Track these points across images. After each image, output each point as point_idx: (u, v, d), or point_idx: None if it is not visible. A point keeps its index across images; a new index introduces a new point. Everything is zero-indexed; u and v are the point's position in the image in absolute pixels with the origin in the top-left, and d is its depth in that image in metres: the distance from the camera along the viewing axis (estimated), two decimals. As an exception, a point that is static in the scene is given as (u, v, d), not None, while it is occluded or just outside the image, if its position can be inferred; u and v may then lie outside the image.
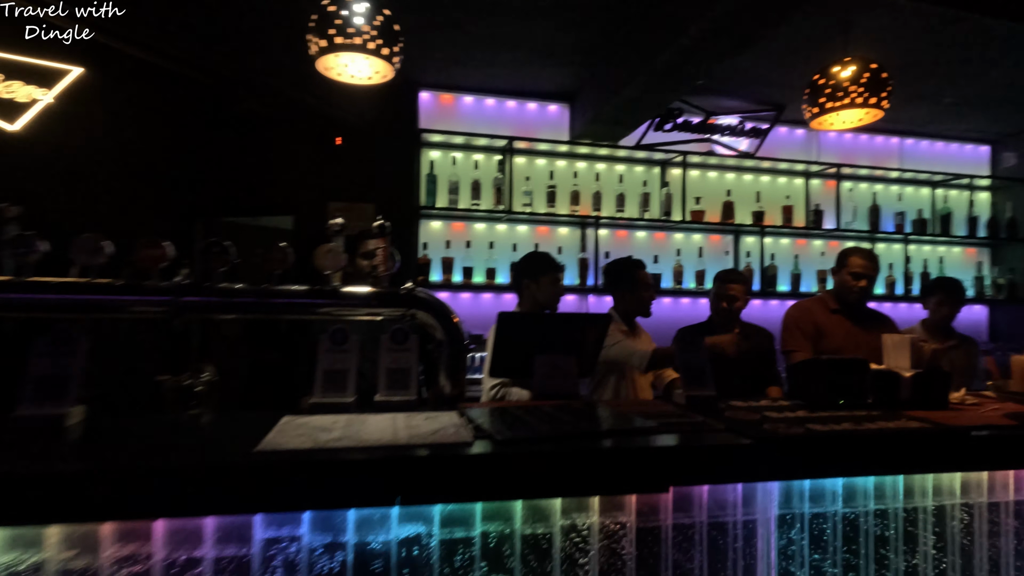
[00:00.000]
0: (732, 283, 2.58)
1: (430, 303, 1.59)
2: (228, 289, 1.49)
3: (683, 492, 1.27)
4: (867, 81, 2.06)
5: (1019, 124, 4.32)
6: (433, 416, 1.34)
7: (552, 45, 3.17)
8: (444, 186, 3.64)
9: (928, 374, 1.64)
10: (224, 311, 1.53)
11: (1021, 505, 1.61)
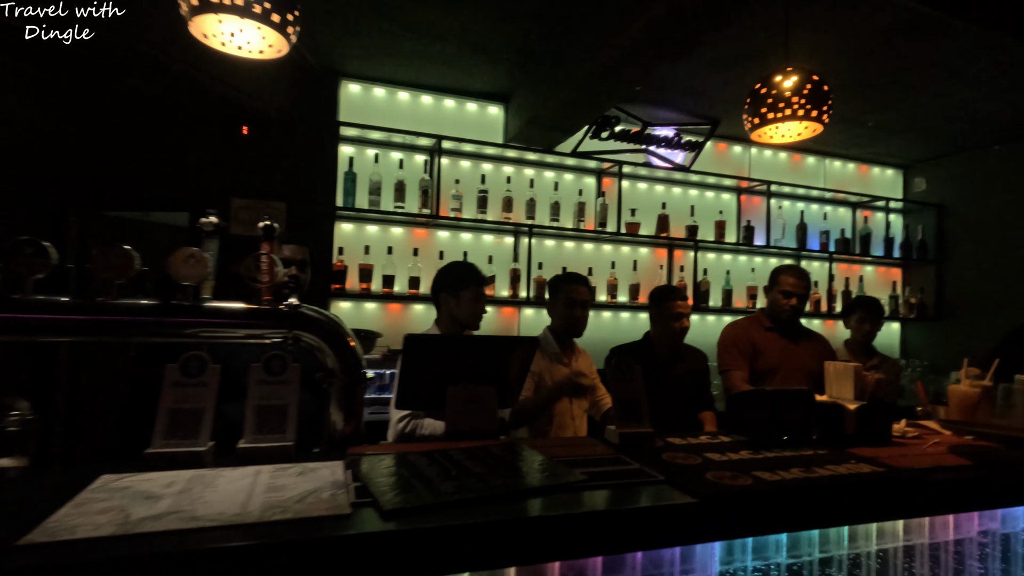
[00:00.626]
0: (681, 300, 2.44)
1: (319, 322, 1.31)
2: (47, 302, 1.15)
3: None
4: (809, 93, 1.97)
5: (930, 152, 4.54)
6: (310, 470, 1.06)
7: (487, 39, 2.95)
8: (364, 186, 3.33)
9: (872, 407, 1.54)
10: (40, 331, 1.17)
11: (960, 544, 1.53)
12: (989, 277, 4.26)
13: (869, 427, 1.53)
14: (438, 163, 3.42)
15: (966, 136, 4.15)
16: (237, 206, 3.20)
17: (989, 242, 4.28)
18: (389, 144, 3.48)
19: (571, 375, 2.20)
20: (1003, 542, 1.57)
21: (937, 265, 4.61)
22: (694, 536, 1.05)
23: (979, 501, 1.33)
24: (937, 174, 4.68)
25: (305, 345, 1.31)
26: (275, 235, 1.40)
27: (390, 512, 0.87)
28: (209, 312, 1.24)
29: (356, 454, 1.20)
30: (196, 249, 1.23)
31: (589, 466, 1.18)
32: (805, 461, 1.30)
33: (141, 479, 0.97)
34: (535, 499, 0.99)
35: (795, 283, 2.58)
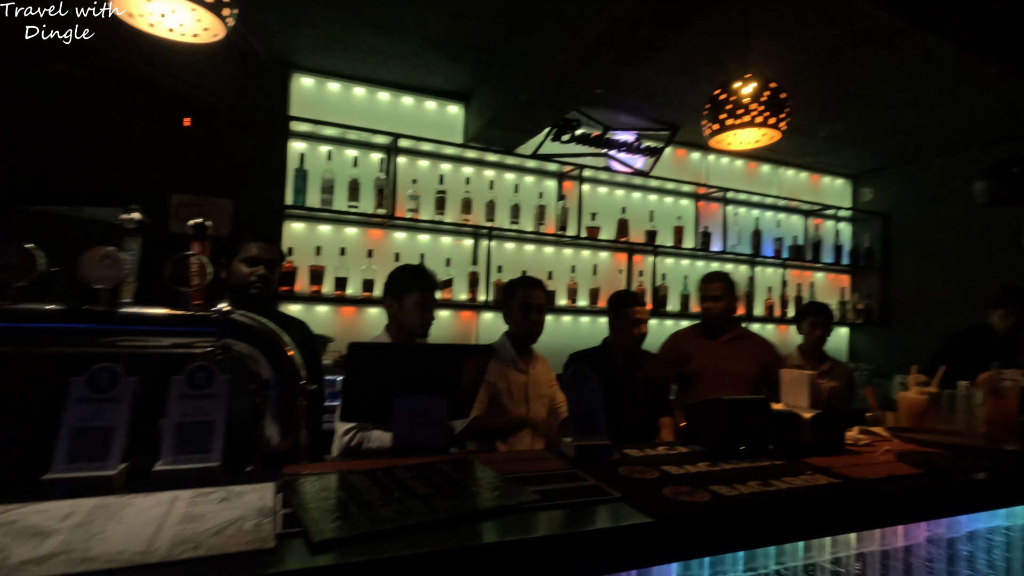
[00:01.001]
0: (639, 305, 2.41)
1: (253, 330, 1.20)
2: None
3: None
4: (767, 101, 1.98)
5: (876, 163, 4.72)
6: (235, 495, 0.96)
7: (446, 36, 2.87)
8: (316, 184, 3.19)
9: (826, 416, 1.53)
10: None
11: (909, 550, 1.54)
12: (930, 284, 4.45)
13: (824, 436, 1.52)
14: (394, 162, 3.31)
15: (909, 148, 4.32)
16: (177, 202, 3.01)
17: (931, 250, 4.47)
18: (343, 141, 3.35)
19: (549, 422, 2.16)
20: (948, 546, 1.60)
21: (882, 272, 4.78)
22: (652, 558, 1.00)
23: (931, 510, 1.33)
24: (883, 184, 4.86)
25: (237, 354, 1.20)
26: (206, 234, 1.28)
27: (320, 544, 0.78)
28: (125, 319, 1.12)
29: (292, 474, 1.10)
30: (111, 248, 1.11)
31: (543, 483, 1.12)
32: (762, 473, 1.27)
33: (32, 511, 0.85)
34: (484, 523, 0.92)
35: (707, 286, 2.77)
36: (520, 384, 2.14)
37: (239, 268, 1.82)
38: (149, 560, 0.71)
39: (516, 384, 2.13)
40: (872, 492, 1.23)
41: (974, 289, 4.07)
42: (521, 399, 2.12)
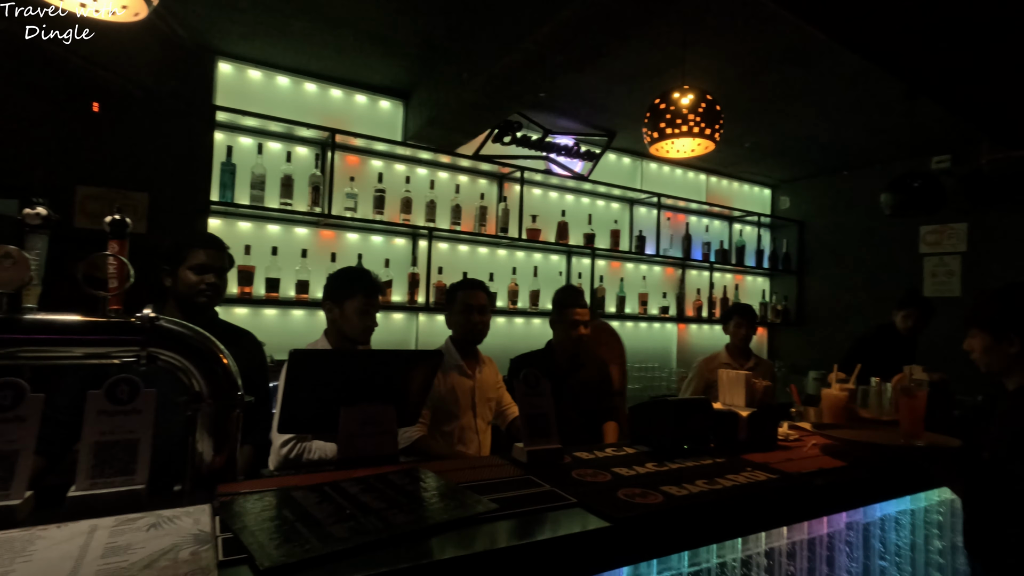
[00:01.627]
0: (580, 307, 2.42)
1: (181, 337, 1.10)
2: None
3: None
4: (703, 111, 2.06)
5: (794, 173, 5.06)
6: (166, 521, 0.87)
7: (386, 30, 2.79)
8: (245, 179, 3.00)
9: (762, 413, 1.61)
10: None
11: (832, 536, 1.65)
12: (840, 287, 4.83)
13: (759, 432, 1.60)
14: (331, 158, 3.18)
15: (822, 161, 4.66)
16: (85, 195, 2.74)
17: (841, 255, 4.85)
18: (275, 135, 3.18)
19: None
20: (864, 531, 1.73)
21: (798, 275, 5.14)
22: (611, 561, 1.01)
23: (857, 500, 1.43)
24: (799, 194, 5.22)
25: (164, 365, 1.10)
26: (126, 231, 1.16)
27: (269, 571, 0.73)
28: (32, 326, 1.00)
29: (229, 493, 1.02)
30: (13, 248, 0.98)
31: (499, 491, 1.10)
32: (707, 472, 1.32)
33: (-82, 552, 0.73)
34: (444, 535, 0.89)
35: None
36: (466, 389, 2.11)
37: (187, 276, 1.70)
38: (69, 602, 0.63)
39: (462, 389, 2.10)
40: (807, 486, 1.30)
41: (878, 292, 4.46)
42: (468, 404, 2.09)
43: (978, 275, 3.94)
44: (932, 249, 4.18)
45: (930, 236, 4.18)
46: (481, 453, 2.10)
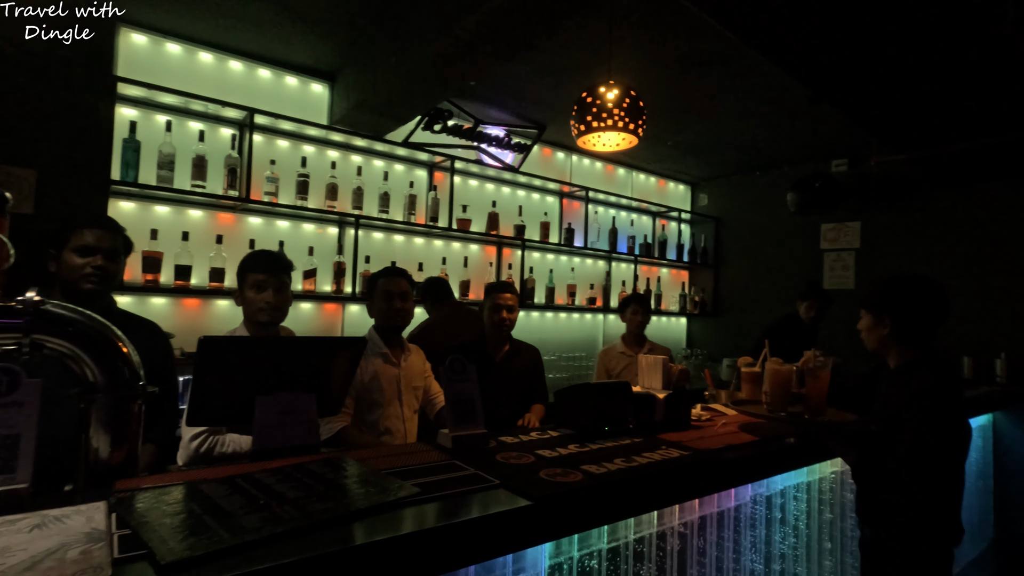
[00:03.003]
0: (506, 292, 2.46)
1: (72, 322, 1.02)
2: None
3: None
4: (628, 107, 2.13)
5: (712, 172, 5.34)
6: (52, 520, 0.80)
7: (309, 7, 2.66)
8: (151, 158, 2.78)
9: (677, 395, 1.70)
10: None
11: (739, 509, 1.78)
12: (753, 279, 5.16)
13: (674, 413, 1.69)
14: (249, 139, 3.00)
15: (737, 161, 4.96)
16: (-42, 170, 2.44)
17: (753, 250, 5.18)
18: (187, 112, 2.96)
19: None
20: (767, 503, 1.87)
21: (715, 268, 5.44)
22: (532, 538, 1.03)
23: (761, 472, 1.54)
24: (716, 191, 5.52)
25: (51, 353, 1.00)
26: (6, 208, 1.05)
27: (170, 566, 0.69)
28: None
29: (126, 489, 0.96)
30: None
31: (422, 476, 1.10)
32: (625, 451, 1.38)
33: None
34: (364, 521, 0.88)
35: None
36: (391, 377, 2.08)
37: (71, 259, 1.54)
38: (-69, 611, 0.57)
39: (387, 377, 2.06)
40: (715, 460, 1.39)
41: (784, 284, 4.81)
42: (393, 393, 2.06)
43: (870, 269, 4.34)
44: (831, 245, 4.55)
45: (829, 233, 4.56)
46: (407, 441, 2.08)
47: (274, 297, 1.72)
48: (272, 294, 1.72)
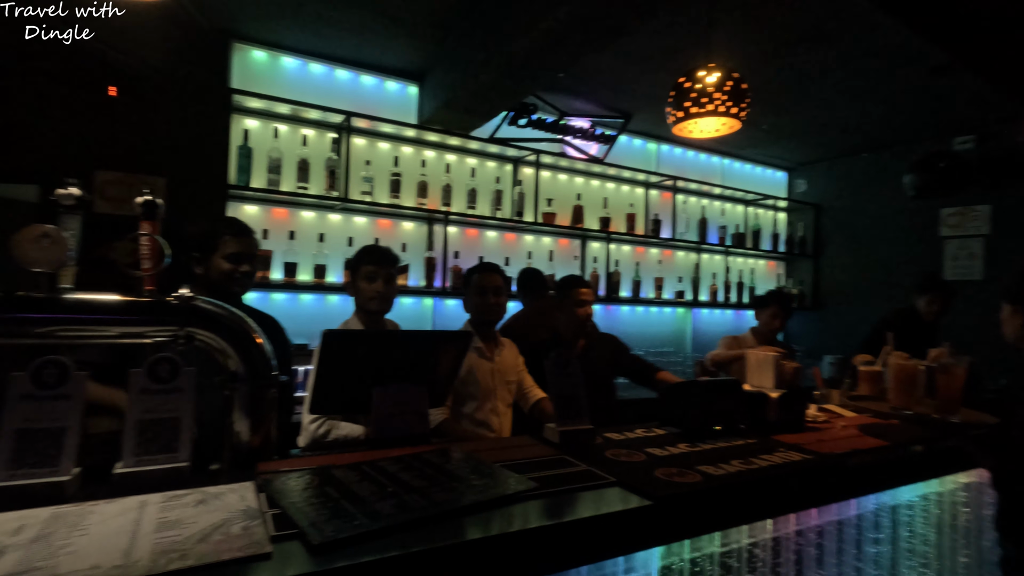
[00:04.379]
0: (583, 287, 2.43)
1: (218, 317, 1.10)
2: None
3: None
4: (730, 90, 2.02)
5: (811, 155, 4.98)
6: (212, 497, 0.88)
7: (402, 11, 2.75)
8: (262, 163, 2.99)
9: (792, 394, 1.60)
10: None
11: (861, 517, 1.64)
12: (857, 271, 4.77)
13: (788, 414, 1.59)
14: (347, 142, 3.16)
15: (841, 143, 4.59)
16: (103, 180, 2.74)
17: (858, 239, 4.78)
18: (291, 118, 3.16)
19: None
20: (892, 512, 1.72)
21: (814, 259, 5.08)
22: (649, 539, 1.01)
23: (897, 478, 1.42)
24: (816, 176, 5.15)
25: (200, 344, 1.10)
26: (158, 213, 1.16)
27: (322, 546, 0.73)
28: (71, 306, 1.00)
29: (268, 471, 1.03)
30: (52, 227, 0.98)
31: (535, 470, 1.10)
32: (741, 452, 1.31)
33: (-23, 524, 0.74)
34: (488, 512, 0.89)
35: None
36: (486, 371, 2.11)
37: (221, 264, 1.70)
38: (132, 574, 0.63)
39: (482, 372, 2.10)
40: (841, 466, 1.29)
41: (895, 276, 4.40)
42: (488, 387, 2.09)
43: (1003, 258, 3.88)
44: (953, 232, 4.11)
45: (952, 218, 4.11)
46: (502, 435, 2.11)
47: (384, 287, 1.84)
48: (382, 284, 1.84)
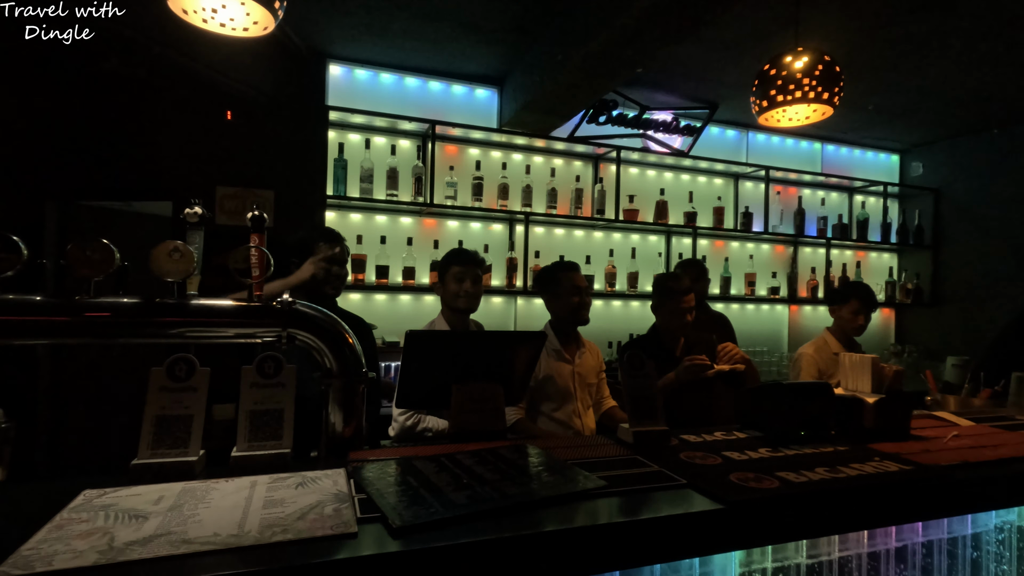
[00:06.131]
0: (687, 294, 2.30)
1: (315, 320, 1.23)
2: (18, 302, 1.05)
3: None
4: (820, 74, 1.90)
5: (926, 135, 4.50)
6: (310, 480, 0.98)
7: (481, 19, 2.84)
8: (355, 173, 3.22)
9: (891, 400, 1.49)
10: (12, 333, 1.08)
11: (978, 537, 1.50)
12: (986, 262, 4.25)
13: (888, 421, 1.48)
14: (432, 149, 3.31)
15: (963, 119, 4.10)
16: (222, 195, 3.08)
17: (986, 226, 4.26)
18: (380, 129, 3.37)
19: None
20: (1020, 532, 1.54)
21: (933, 250, 4.59)
22: (722, 544, 1.00)
23: (1010, 498, 1.29)
24: (934, 158, 4.64)
25: (301, 344, 1.23)
26: (264, 226, 1.31)
27: (401, 529, 0.80)
28: (196, 311, 1.15)
29: (358, 460, 1.13)
30: (180, 243, 1.14)
31: (605, 469, 1.12)
32: (828, 459, 1.25)
33: (126, 495, 0.89)
34: (555, 508, 0.93)
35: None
36: (566, 373, 2.13)
37: (318, 267, 1.88)
38: (243, 543, 0.74)
39: (561, 374, 2.12)
40: (945, 479, 1.19)
41: (1034, 266, 3.88)
42: (568, 388, 2.11)
43: None
44: (1109, 215, 3.55)
45: (1107, 200, 3.56)
46: (583, 435, 2.12)
47: (472, 287, 1.94)
48: (470, 284, 1.94)
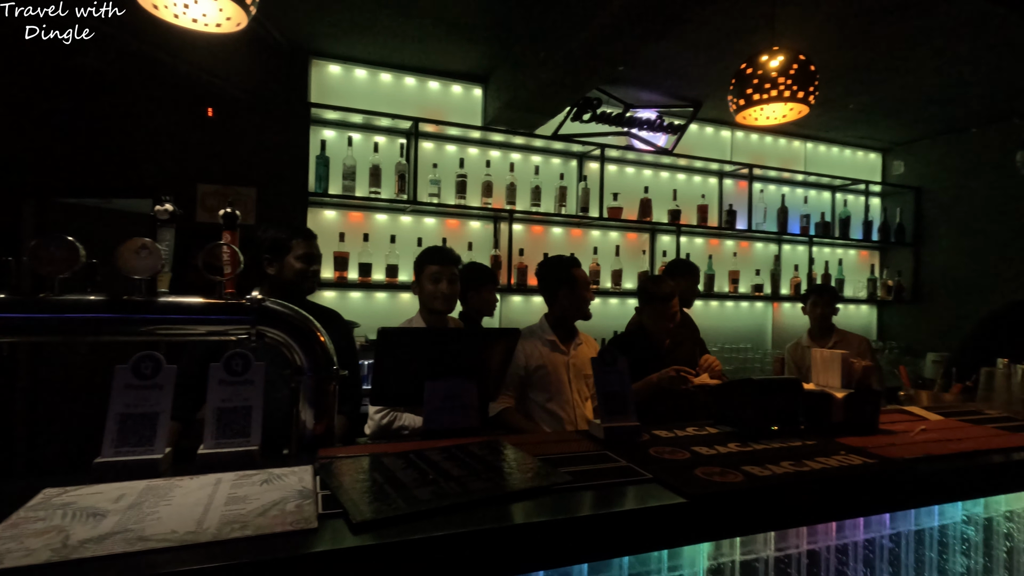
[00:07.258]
0: (672, 299, 2.32)
1: (285, 317, 1.22)
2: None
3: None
4: (795, 73, 1.92)
5: (909, 134, 4.55)
6: (276, 477, 0.99)
7: (464, 16, 2.84)
8: (338, 170, 3.20)
9: (859, 395, 1.51)
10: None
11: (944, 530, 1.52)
12: (965, 260, 4.31)
13: (857, 415, 1.50)
14: (415, 146, 3.30)
15: (944, 119, 4.16)
16: (204, 192, 3.06)
17: (966, 224, 4.32)
18: (363, 127, 3.36)
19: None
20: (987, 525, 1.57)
21: (914, 248, 4.65)
22: (684, 537, 1.01)
23: (978, 488, 1.31)
24: (915, 157, 4.70)
25: (270, 341, 1.22)
26: (237, 223, 1.30)
27: (360, 525, 0.81)
28: (164, 308, 1.15)
29: (327, 457, 1.13)
30: (148, 239, 1.14)
31: (574, 464, 1.13)
32: (795, 453, 1.26)
33: (87, 493, 0.89)
34: (518, 503, 0.93)
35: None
36: (560, 364, 2.16)
37: (293, 264, 1.88)
38: (200, 539, 0.74)
39: (555, 365, 2.14)
40: (908, 472, 1.21)
41: (1007, 266, 3.94)
42: (562, 379, 2.14)
43: None
44: (1082, 213, 3.61)
45: (1081, 198, 3.62)
46: (578, 425, 2.15)
47: (448, 288, 1.94)
48: (446, 285, 1.94)
